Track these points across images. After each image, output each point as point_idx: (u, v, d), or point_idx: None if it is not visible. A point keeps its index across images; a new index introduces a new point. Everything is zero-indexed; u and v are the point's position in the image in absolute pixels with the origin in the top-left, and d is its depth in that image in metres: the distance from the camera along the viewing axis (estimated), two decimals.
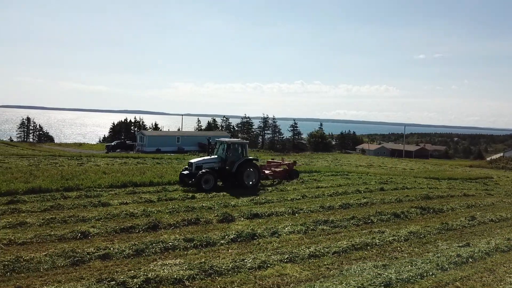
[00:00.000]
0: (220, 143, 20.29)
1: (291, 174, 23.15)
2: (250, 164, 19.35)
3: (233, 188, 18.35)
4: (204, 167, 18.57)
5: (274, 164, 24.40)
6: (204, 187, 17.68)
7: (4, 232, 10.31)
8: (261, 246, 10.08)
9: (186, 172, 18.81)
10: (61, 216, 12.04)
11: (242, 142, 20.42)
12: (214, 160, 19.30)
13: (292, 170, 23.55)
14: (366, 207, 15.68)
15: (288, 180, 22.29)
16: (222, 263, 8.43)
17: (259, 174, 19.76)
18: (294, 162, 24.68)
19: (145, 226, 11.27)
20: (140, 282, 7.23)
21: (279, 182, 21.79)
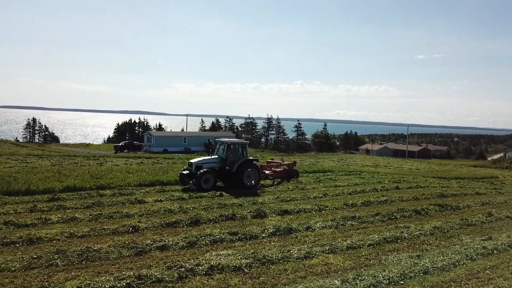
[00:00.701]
0: (220, 143, 20.32)
1: (291, 174, 23.12)
2: (250, 164, 19.39)
3: (233, 188, 18.41)
4: (204, 167, 18.59)
5: (274, 164, 24.41)
6: (204, 186, 17.69)
7: (60, 227, 11.09)
8: (299, 239, 10.87)
9: (186, 172, 18.87)
10: (106, 212, 12.82)
11: (243, 142, 20.43)
12: (214, 160, 19.34)
13: (292, 170, 23.55)
14: (386, 204, 16.47)
15: (288, 180, 22.37)
16: (272, 253, 9.23)
17: (259, 174, 19.84)
18: (294, 162, 24.69)
19: (188, 221, 12.05)
20: (206, 269, 8.02)
21: (278, 182, 21.88)
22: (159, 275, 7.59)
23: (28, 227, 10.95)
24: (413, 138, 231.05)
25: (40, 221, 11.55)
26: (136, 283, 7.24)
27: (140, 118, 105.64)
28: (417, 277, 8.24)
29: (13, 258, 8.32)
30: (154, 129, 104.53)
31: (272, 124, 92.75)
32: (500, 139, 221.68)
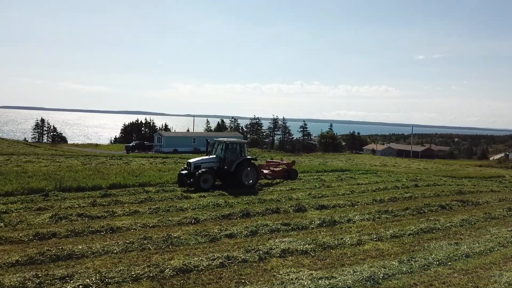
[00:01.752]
0: (218, 143, 20.44)
1: (290, 173, 23.21)
2: (248, 164, 19.56)
3: (232, 187, 18.59)
4: (203, 167, 18.72)
5: (273, 163, 24.38)
6: (203, 186, 17.84)
7: (128, 218, 12.32)
8: (345, 229, 12.08)
9: (185, 172, 18.94)
10: (162, 206, 14.06)
11: (241, 142, 20.52)
12: (212, 159, 19.46)
13: (291, 169, 23.61)
14: (411, 200, 17.69)
15: (287, 179, 22.61)
16: (328, 240, 10.45)
17: (258, 174, 19.98)
18: (293, 162, 24.77)
19: (240, 214, 13.29)
20: (279, 252, 9.27)
21: (278, 182, 22.02)
22: (243, 256, 8.82)
23: (100, 219, 12.17)
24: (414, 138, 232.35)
25: (108, 213, 12.78)
26: (227, 262, 8.47)
27: (147, 119, 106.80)
28: (460, 260, 9.46)
29: (108, 243, 9.54)
30: (161, 129, 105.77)
31: (278, 125, 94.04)
32: (500, 139, 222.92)
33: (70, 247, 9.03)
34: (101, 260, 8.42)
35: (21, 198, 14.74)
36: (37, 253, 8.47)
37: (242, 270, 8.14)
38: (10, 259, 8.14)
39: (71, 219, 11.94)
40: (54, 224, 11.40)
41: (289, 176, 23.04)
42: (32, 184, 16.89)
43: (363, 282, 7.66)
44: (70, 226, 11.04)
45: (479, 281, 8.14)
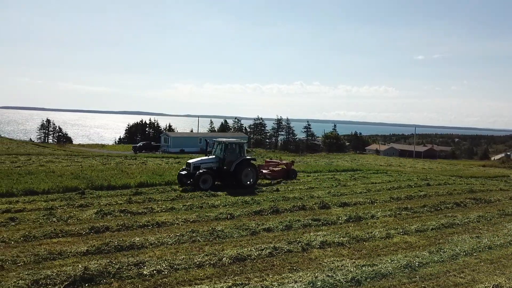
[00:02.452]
0: (218, 143, 20.46)
1: (289, 173, 23.34)
2: (248, 164, 19.66)
3: (231, 187, 18.73)
4: (202, 167, 18.76)
5: (272, 163, 24.49)
6: (202, 187, 17.84)
7: (167, 214, 13.13)
8: (370, 225, 12.91)
9: (184, 172, 19.00)
10: (195, 203, 14.88)
11: (240, 142, 20.46)
12: (212, 160, 19.51)
13: (291, 169, 23.74)
14: (426, 198, 18.52)
15: (286, 179, 22.73)
16: (360, 234, 11.28)
17: (257, 174, 20.11)
18: (292, 162, 24.83)
19: (270, 210, 14.11)
20: (319, 244, 10.11)
21: (278, 182, 22.11)
22: (287, 247, 9.66)
23: (141, 215, 12.99)
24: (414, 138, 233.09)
25: (147, 210, 13.62)
26: (275, 252, 9.30)
27: (151, 119, 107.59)
28: (484, 251, 10.30)
29: (160, 236, 10.36)
30: (165, 130, 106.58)
31: (281, 125, 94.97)
32: (500, 140, 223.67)
33: (128, 239, 9.86)
34: (160, 250, 9.25)
35: (59, 196, 15.59)
36: (102, 243, 9.31)
37: (290, 259, 8.98)
38: (79, 249, 8.96)
39: (115, 215, 12.77)
40: (101, 219, 12.22)
41: (288, 176, 23.16)
42: (65, 183, 17.71)
43: (401, 269, 8.49)
44: (118, 221, 11.86)
45: (504, 269, 8.97)
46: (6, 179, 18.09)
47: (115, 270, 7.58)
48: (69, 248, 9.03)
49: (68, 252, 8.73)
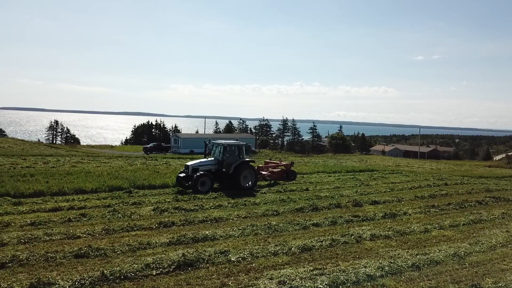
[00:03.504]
0: (216, 145, 20.37)
1: (288, 174, 23.34)
2: (246, 166, 19.61)
3: (230, 189, 18.69)
4: (201, 170, 18.73)
5: (272, 164, 24.57)
6: (201, 189, 17.78)
7: (218, 211, 14.20)
8: (405, 221, 13.98)
9: (183, 174, 18.91)
10: (239, 201, 16.00)
11: (239, 144, 20.51)
12: (210, 162, 19.46)
13: (290, 170, 23.75)
14: (447, 197, 19.62)
15: (286, 181, 22.77)
16: (400, 229, 12.37)
17: (256, 176, 20.12)
18: (291, 163, 24.88)
19: (309, 208, 15.22)
20: (369, 236, 11.20)
21: (276, 182, 22.26)
22: (342, 239, 10.76)
23: (194, 211, 14.10)
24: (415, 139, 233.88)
25: (198, 207, 14.75)
26: (333, 243, 10.41)
27: (157, 120, 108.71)
28: None
29: (224, 229, 11.46)
30: (171, 131, 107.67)
31: (287, 126, 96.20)
32: (501, 140, 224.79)
33: (200, 231, 10.97)
34: (231, 242, 10.35)
35: (109, 195, 16.71)
36: (180, 236, 10.42)
37: (349, 249, 10.09)
38: (162, 240, 10.07)
39: (170, 211, 13.88)
40: (160, 215, 13.31)
41: (287, 177, 23.17)
42: (108, 182, 18.82)
43: (451, 257, 9.60)
44: (177, 217, 12.96)
45: None
46: (52, 179, 19.15)
47: (207, 257, 8.68)
48: (152, 239, 10.12)
49: (154, 243, 9.83)
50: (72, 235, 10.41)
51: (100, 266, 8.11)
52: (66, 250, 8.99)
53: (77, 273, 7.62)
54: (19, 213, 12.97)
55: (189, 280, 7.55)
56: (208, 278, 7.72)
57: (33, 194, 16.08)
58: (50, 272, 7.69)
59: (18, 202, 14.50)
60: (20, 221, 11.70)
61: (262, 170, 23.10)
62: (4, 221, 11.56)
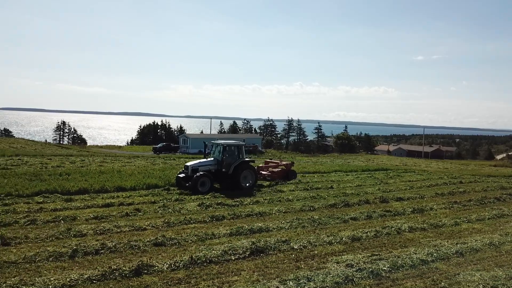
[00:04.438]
0: (216, 146, 20.37)
1: (289, 174, 23.33)
2: (246, 166, 19.61)
3: (230, 190, 18.70)
4: (200, 170, 18.64)
5: (272, 164, 24.55)
6: (200, 189, 17.69)
7: (256, 207, 15.15)
8: (433, 215, 14.90)
9: (182, 175, 18.84)
10: (274, 198, 16.98)
11: (238, 144, 20.50)
12: (210, 162, 19.43)
13: (290, 170, 23.72)
14: (465, 194, 20.61)
15: (285, 180, 22.65)
16: (433, 222, 13.36)
17: (256, 176, 20.17)
18: (292, 163, 24.81)
19: (342, 204, 16.19)
20: (408, 228, 12.19)
21: (276, 183, 21.96)
22: (384, 231, 11.73)
23: (235, 207, 15.07)
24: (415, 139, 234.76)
25: (237, 202, 15.74)
26: (378, 234, 11.39)
27: (163, 121, 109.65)
28: None
29: (273, 223, 12.42)
30: (176, 131, 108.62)
31: (292, 126, 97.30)
32: (501, 140, 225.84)
33: (253, 224, 11.96)
34: (284, 233, 11.32)
35: (149, 192, 17.65)
36: (237, 227, 11.39)
37: (393, 239, 11.07)
38: (222, 231, 11.04)
39: (214, 207, 14.85)
40: (205, 210, 14.27)
41: (288, 177, 23.13)
42: (144, 181, 19.78)
43: (487, 246, 10.58)
44: (222, 211, 13.93)
45: None
46: (89, 178, 20.09)
47: (273, 245, 9.67)
48: (214, 231, 11.10)
49: (217, 233, 10.82)
50: (139, 227, 11.39)
51: (181, 253, 9.09)
52: (144, 239, 9.95)
53: (168, 258, 8.60)
54: (75, 208, 13.92)
55: (266, 264, 8.53)
56: (281, 262, 8.70)
57: (79, 191, 17.01)
58: (140, 257, 8.65)
59: (69, 198, 15.45)
60: (83, 215, 12.65)
61: (262, 170, 23.12)
62: (69, 215, 12.52)
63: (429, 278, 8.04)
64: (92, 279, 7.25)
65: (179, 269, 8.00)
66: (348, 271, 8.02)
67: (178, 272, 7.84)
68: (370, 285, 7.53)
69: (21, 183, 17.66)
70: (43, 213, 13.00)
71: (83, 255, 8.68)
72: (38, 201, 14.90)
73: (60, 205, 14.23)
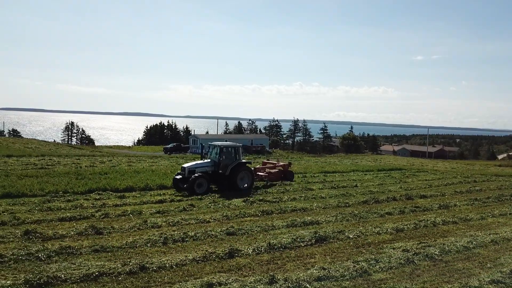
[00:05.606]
0: (213, 147, 20.43)
1: (286, 175, 23.41)
2: (243, 167, 19.66)
3: (227, 191, 18.81)
4: (197, 171, 18.68)
5: (269, 165, 24.62)
6: (197, 191, 17.76)
7: (296, 202, 16.48)
8: (458, 211, 16.20)
9: (179, 176, 18.92)
10: (308, 195, 18.33)
11: (236, 145, 20.56)
12: (207, 164, 19.47)
13: (287, 171, 23.79)
14: (482, 192, 21.93)
15: (283, 181, 22.68)
16: (462, 216, 14.70)
17: (253, 177, 20.25)
18: (289, 164, 24.88)
19: (372, 201, 17.50)
20: (441, 221, 13.53)
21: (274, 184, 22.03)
22: (422, 224, 13.06)
23: (275, 203, 16.32)
24: (416, 139, 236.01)
25: (277, 199, 17.09)
26: (417, 226, 12.73)
27: (169, 121, 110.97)
28: None
29: (320, 217, 13.74)
30: (182, 132, 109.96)
31: (298, 127, 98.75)
32: (501, 140, 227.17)
33: (304, 217, 13.29)
34: (333, 225, 12.64)
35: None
36: (291, 220, 12.76)
37: (431, 231, 12.39)
38: (279, 224, 12.36)
39: (257, 203, 16.18)
40: (251, 206, 15.59)
41: (285, 178, 23.18)
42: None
43: None
44: (267, 207, 15.24)
45: None
46: (129, 177, 21.40)
47: (331, 234, 11.02)
48: (273, 223, 12.44)
49: (276, 225, 12.15)
50: (203, 220, 12.71)
51: (254, 240, 10.42)
52: (215, 230, 11.28)
53: (246, 244, 9.93)
54: (132, 204, 15.25)
55: (332, 249, 9.87)
56: (343, 248, 10.04)
57: (126, 189, 18.34)
58: (221, 244, 9.97)
59: (122, 195, 16.80)
60: (147, 210, 13.97)
61: (259, 171, 23.17)
62: (135, 210, 13.83)
63: (475, 260, 9.38)
64: (196, 260, 8.58)
65: (262, 253, 9.33)
66: (406, 255, 9.36)
67: (263, 255, 9.18)
68: (428, 265, 8.86)
69: (72, 182, 18.99)
70: (108, 208, 14.31)
71: (173, 242, 10.01)
72: (96, 197, 16.24)
73: (119, 201, 15.56)
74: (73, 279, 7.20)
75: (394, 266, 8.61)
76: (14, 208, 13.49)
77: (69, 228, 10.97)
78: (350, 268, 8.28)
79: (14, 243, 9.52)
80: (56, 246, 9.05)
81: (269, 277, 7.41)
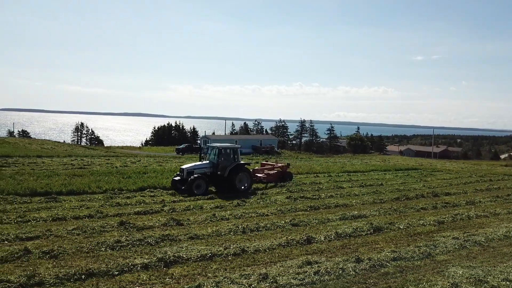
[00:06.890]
0: (211, 148, 20.63)
1: (284, 176, 23.52)
2: (242, 169, 19.81)
3: (226, 192, 18.93)
4: (196, 173, 18.80)
5: (268, 167, 24.75)
6: (196, 192, 17.90)
7: (335, 199, 17.91)
8: (483, 207, 17.43)
9: (178, 178, 19.08)
10: (344, 192, 19.74)
11: (234, 147, 20.71)
12: (205, 165, 19.59)
13: (286, 172, 23.92)
14: (501, 190, 23.31)
15: (281, 182, 22.78)
16: (490, 211, 16.08)
17: (251, 178, 20.42)
18: (287, 165, 25.01)
19: (403, 198, 18.89)
20: (474, 215, 14.94)
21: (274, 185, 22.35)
22: (458, 217, 14.47)
23: (315, 199, 17.74)
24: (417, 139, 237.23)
25: (315, 195, 18.52)
26: (454, 219, 14.14)
27: (176, 122, 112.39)
28: None
29: (364, 211, 15.14)
30: (188, 132, 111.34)
31: (305, 127, 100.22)
32: (502, 140, 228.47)
33: (350, 212, 14.70)
34: (378, 218, 14.01)
35: None
36: (341, 214, 14.17)
37: (468, 223, 13.79)
38: (332, 217, 13.75)
39: (299, 200, 17.59)
40: (295, 202, 16.99)
41: (283, 179, 23.27)
42: None
43: None
44: (311, 203, 16.60)
45: None
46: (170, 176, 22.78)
47: (383, 225, 12.42)
48: (328, 216, 13.84)
49: (331, 218, 13.57)
50: (262, 213, 14.13)
51: (318, 231, 11.83)
52: (279, 222, 12.67)
53: (314, 233, 11.33)
54: (187, 200, 16.66)
55: (390, 238, 11.28)
56: (399, 237, 11.46)
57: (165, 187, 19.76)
58: (292, 233, 11.37)
59: (173, 193, 18.26)
60: (204, 205, 15.37)
61: (257, 172, 23.40)
62: (196, 205, 15.23)
63: None
64: (282, 245, 10.00)
65: (333, 240, 10.75)
66: (458, 241, 10.77)
67: (334, 242, 10.59)
68: (479, 250, 10.28)
69: (124, 181, 20.36)
70: (169, 203, 15.72)
71: (250, 231, 11.42)
72: (150, 195, 17.67)
73: (174, 198, 16.99)
74: (193, 258, 8.60)
75: (451, 250, 10.02)
76: (88, 204, 14.89)
77: (153, 220, 12.39)
78: (416, 251, 9.69)
79: (115, 231, 10.92)
80: (157, 234, 10.45)
81: (355, 257, 8.82)
